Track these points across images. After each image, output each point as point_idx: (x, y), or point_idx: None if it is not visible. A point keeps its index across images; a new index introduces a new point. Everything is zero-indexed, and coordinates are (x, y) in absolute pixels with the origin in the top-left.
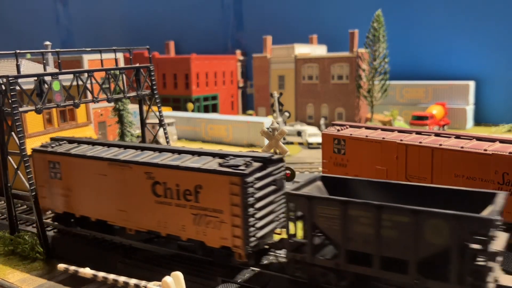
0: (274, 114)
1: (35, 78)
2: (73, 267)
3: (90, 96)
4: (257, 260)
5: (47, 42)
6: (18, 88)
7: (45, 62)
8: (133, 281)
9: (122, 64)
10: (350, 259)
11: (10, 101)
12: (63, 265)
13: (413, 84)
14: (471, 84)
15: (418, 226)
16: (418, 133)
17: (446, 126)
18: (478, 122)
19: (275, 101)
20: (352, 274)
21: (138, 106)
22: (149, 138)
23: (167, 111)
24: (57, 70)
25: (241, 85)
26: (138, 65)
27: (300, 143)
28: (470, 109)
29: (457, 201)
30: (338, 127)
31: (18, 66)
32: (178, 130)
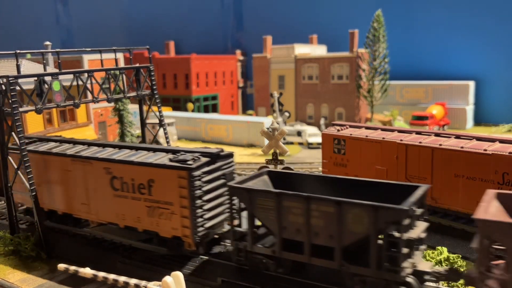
0: (274, 114)
1: (35, 78)
2: (73, 267)
3: (90, 96)
4: (208, 249)
5: (47, 42)
6: (18, 88)
7: (45, 62)
8: (133, 281)
9: (122, 64)
10: (286, 247)
11: (10, 101)
12: (63, 265)
13: (413, 84)
14: (471, 84)
15: (342, 216)
16: (418, 133)
17: (446, 126)
18: (478, 122)
19: (275, 101)
20: (289, 261)
21: (138, 106)
22: (149, 138)
23: (167, 111)
24: (57, 70)
25: (241, 85)
26: (138, 65)
27: (300, 143)
28: (470, 109)
29: (390, 193)
30: (338, 127)
31: (18, 66)
32: (178, 130)
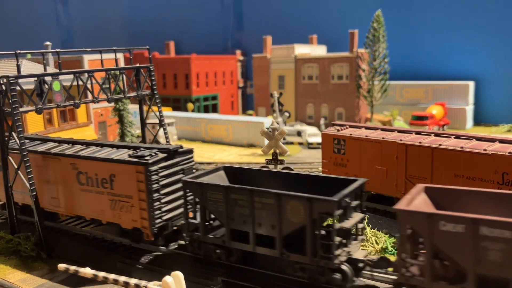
0: (274, 114)
1: (35, 79)
2: (73, 267)
3: (90, 96)
4: (168, 240)
5: (47, 42)
6: (18, 88)
7: (45, 62)
8: (133, 281)
9: (122, 64)
10: (235, 237)
11: (11, 101)
12: (64, 265)
13: (413, 84)
14: (471, 84)
15: (281, 207)
16: (418, 133)
17: (446, 126)
18: (477, 122)
19: (275, 101)
20: (239, 250)
21: (138, 106)
22: (149, 138)
23: (167, 111)
24: (57, 70)
25: (241, 85)
26: (138, 65)
27: (300, 143)
28: (469, 109)
29: (338, 187)
30: (338, 127)
31: (19, 66)
32: (178, 130)
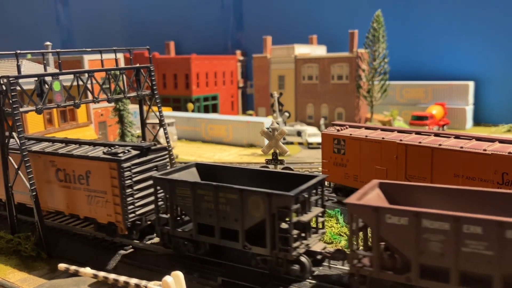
0: (274, 114)
1: (36, 79)
2: (73, 267)
3: (90, 96)
4: (145, 234)
5: (48, 43)
6: (18, 88)
7: (45, 62)
8: (133, 281)
9: (122, 64)
10: (202, 231)
11: (11, 101)
12: (64, 265)
13: (413, 84)
14: (471, 84)
15: (243, 202)
16: (417, 133)
17: (445, 126)
18: (477, 122)
19: (275, 101)
20: (207, 244)
21: (138, 106)
22: (149, 138)
23: (167, 111)
24: (57, 71)
25: (241, 85)
26: (138, 65)
27: (300, 143)
28: (469, 109)
29: (298, 183)
30: (338, 127)
31: (19, 67)
32: (178, 130)
